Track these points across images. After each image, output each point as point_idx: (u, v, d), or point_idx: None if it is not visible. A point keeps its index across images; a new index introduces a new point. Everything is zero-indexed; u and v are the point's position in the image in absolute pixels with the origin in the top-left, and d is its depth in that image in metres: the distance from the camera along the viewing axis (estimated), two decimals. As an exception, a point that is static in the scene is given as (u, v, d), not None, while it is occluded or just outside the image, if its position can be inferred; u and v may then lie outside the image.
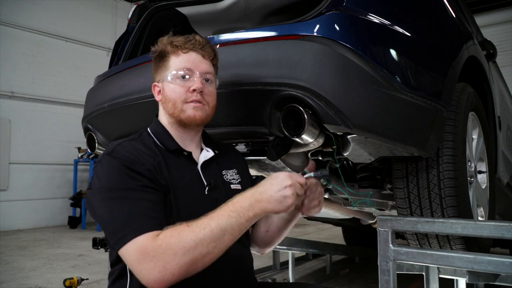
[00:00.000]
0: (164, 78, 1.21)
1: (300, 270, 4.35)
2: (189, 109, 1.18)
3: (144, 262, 0.93)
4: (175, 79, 1.19)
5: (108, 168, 1.06)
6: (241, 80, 1.39)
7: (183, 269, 0.93)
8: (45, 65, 8.21)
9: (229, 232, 0.97)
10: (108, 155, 1.08)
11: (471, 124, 1.95)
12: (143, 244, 0.94)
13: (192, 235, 0.94)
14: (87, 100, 2.08)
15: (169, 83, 1.20)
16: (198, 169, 1.21)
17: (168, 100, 1.19)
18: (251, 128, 1.49)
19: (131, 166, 1.05)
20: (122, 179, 1.03)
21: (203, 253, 0.94)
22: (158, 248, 0.93)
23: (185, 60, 1.20)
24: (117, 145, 1.12)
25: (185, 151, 1.20)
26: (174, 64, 1.20)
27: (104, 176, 1.05)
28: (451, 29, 1.94)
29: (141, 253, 0.93)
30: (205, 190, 1.18)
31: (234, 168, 1.31)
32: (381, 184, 1.96)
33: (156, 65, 1.25)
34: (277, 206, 1.02)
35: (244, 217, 0.99)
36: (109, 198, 1.02)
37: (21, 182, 7.72)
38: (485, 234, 1.35)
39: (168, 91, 1.20)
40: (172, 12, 2.24)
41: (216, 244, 0.96)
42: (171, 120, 1.22)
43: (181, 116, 1.18)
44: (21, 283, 3.73)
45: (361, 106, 1.32)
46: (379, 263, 1.50)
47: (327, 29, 1.33)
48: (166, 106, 1.21)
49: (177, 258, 0.92)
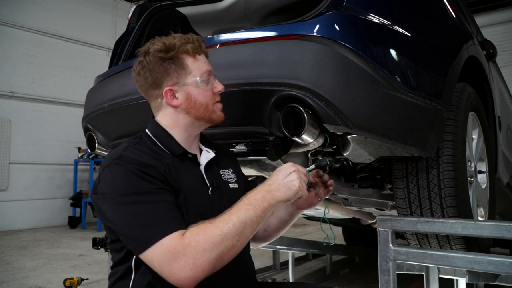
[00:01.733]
0: (187, 82, 1.17)
1: (300, 270, 4.35)
2: (218, 110, 1.23)
3: (175, 261, 0.95)
4: (203, 83, 1.19)
5: (119, 173, 1.04)
6: (241, 80, 1.39)
7: (212, 264, 0.96)
8: (45, 65, 8.21)
9: (249, 224, 1.01)
10: (118, 160, 1.06)
11: (471, 124, 1.95)
12: (171, 244, 0.95)
13: (218, 231, 0.98)
14: (87, 100, 2.08)
15: (195, 88, 1.18)
16: (202, 171, 1.20)
17: (200, 105, 1.18)
18: (251, 128, 1.49)
19: (144, 170, 1.04)
20: (136, 183, 1.02)
21: (228, 247, 0.98)
22: (187, 246, 0.95)
23: (205, 63, 1.21)
24: (124, 150, 1.09)
25: (189, 154, 1.19)
26: (196, 68, 1.18)
27: (116, 181, 1.04)
28: (451, 29, 1.94)
29: (170, 253, 0.95)
30: (208, 191, 1.18)
31: (229, 167, 1.31)
32: (381, 184, 1.96)
33: (165, 69, 1.17)
34: (287, 192, 1.07)
35: (260, 208, 1.04)
36: (125, 203, 1.01)
37: (21, 182, 7.72)
38: (485, 234, 1.35)
39: (198, 95, 1.18)
40: (172, 12, 2.24)
41: (239, 237, 1.00)
42: (195, 123, 1.20)
43: (212, 117, 1.21)
44: (21, 283, 3.73)
45: (361, 106, 1.32)
46: (379, 263, 1.50)
47: (327, 29, 1.33)
48: (195, 110, 1.18)
49: (206, 254, 0.95)
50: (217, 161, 1.27)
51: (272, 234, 1.39)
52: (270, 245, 1.95)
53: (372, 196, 1.95)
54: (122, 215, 1.01)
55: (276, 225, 1.37)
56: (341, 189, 1.81)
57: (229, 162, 1.34)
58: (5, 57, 7.62)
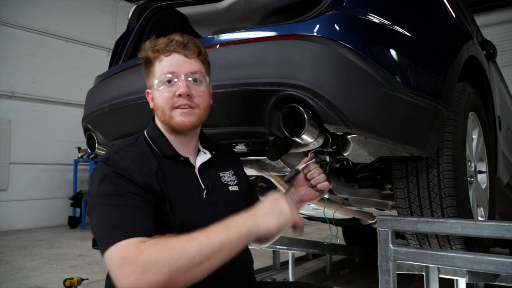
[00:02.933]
0: (152, 85, 1.19)
1: (300, 270, 4.35)
2: (177, 116, 1.14)
3: (124, 267, 0.89)
4: (161, 85, 1.15)
5: (101, 175, 1.05)
6: (241, 80, 1.39)
7: (161, 280, 0.87)
8: (45, 65, 8.21)
9: (217, 248, 0.92)
10: (103, 163, 1.07)
11: (471, 124, 1.95)
12: (126, 249, 0.91)
13: (178, 246, 0.90)
14: (87, 100, 2.08)
15: (156, 91, 1.17)
16: (196, 173, 1.19)
17: (157, 107, 1.17)
18: (251, 128, 1.49)
19: (124, 173, 1.04)
20: (115, 185, 1.02)
21: (185, 266, 0.89)
22: (140, 254, 0.89)
23: (168, 64, 1.15)
24: (114, 153, 1.10)
25: (182, 157, 1.18)
26: (158, 70, 1.17)
27: (98, 182, 1.04)
28: (451, 29, 1.94)
29: (122, 257, 0.90)
30: (203, 194, 1.16)
31: (231, 169, 1.30)
32: (381, 184, 1.96)
33: (145, 72, 1.22)
34: (275, 220, 1.00)
35: (237, 233, 0.95)
36: (100, 203, 1.01)
37: (21, 182, 7.71)
38: (485, 234, 1.35)
39: (156, 99, 1.17)
40: (172, 12, 2.24)
41: (202, 259, 0.90)
42: (165, 127, 1.19)
43: (171, 123, 1.15)
44: (21, 283, 3.73)
45: (361, 106, 1.32)
46: (379, 263, 1.50)
47: (327, 29, 1.33)
48: (156, 113, 1.19)
49: (157, 267, 0.87)
50: (216, 162, 1.26)
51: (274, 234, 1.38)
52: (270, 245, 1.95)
53: (372, 196, 1.95)
54: (95, 215, 1.00)
55: None
56: (341, 189, 1.81)
57: (230, 164, 1.32)
58: (5, 57, 7.62)
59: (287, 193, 1.37)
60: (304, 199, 1.34)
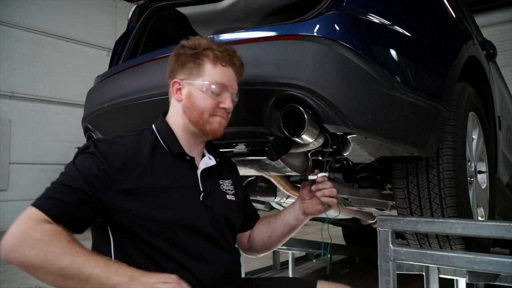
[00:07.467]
0: (194, 83, 1.18)
1: (300, 270, 4.35)
2: (216, 123, 1.19)
3: (14, 227, 0.93)
4: (208, 90, 1.17)
5: (85, 148, 1.08)
6: (241, 80, 1.39)
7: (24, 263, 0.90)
8: (45, 65, 8.21)
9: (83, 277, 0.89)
10: (94, 141, 1.10)
11: (471, 124, 1.95)
12: (27, 216, 0.94)
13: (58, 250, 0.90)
14: (87, 100, 2.08)
15: (199, 91, 1.17)
16: (198, 175, 1.19)
17: (195, 108, 1.17)
18: (251, 128, 1.49)
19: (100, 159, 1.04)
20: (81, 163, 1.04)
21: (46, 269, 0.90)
22: (28, 229, 0.92)
23: (222, 74, 1.18)
24: (110, 138, 1.12)
25: (187, 156, 1.19)
26: (210, 74, 1.17)
27: (79, 153, 1.08)
28: (451, 29, 1.94)
29: (19, 221, 0.94)
30: (200, 196, 1.17)
31: (229, 179, 1.31)
32: (381, 184, 1.96)
33: (183, 62, 1.20)
34: None
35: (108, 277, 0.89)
36: (63, 173, 1.04)
37: (21, 182, 7.71)
38: (485, 234, 1.35)
39: (197, 99, 1.17)
40: (172, 12, 2.24)
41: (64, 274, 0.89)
42: (189, 126, 1.19)
43: (206, 127, 1.18)
44: (21, 283, 3.73)
45: (361, 106, 1.32)
46: (379, 263, 1.50)
47: (327, 29, 1.33)
48: (190, 112, 1.18)
49: (30, 252, 0.90)
50: (218, 170, 1.27)
51: (277, 241, 1.37)
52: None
53: (372, 196, 1.95)
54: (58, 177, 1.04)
55: (281, 230, 1.36)
56: (341, 189, 1.81)
57: (230, 174, 1.33)
58: (5, 57, 7.62)
59: (295, 202, 1.37)
60: (307, 212, 1.32)
